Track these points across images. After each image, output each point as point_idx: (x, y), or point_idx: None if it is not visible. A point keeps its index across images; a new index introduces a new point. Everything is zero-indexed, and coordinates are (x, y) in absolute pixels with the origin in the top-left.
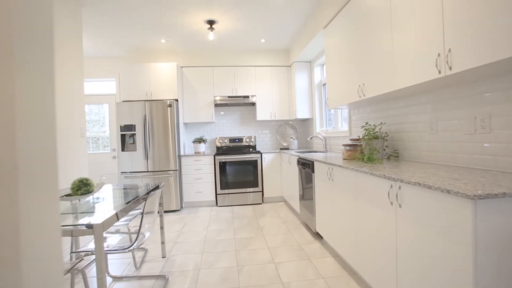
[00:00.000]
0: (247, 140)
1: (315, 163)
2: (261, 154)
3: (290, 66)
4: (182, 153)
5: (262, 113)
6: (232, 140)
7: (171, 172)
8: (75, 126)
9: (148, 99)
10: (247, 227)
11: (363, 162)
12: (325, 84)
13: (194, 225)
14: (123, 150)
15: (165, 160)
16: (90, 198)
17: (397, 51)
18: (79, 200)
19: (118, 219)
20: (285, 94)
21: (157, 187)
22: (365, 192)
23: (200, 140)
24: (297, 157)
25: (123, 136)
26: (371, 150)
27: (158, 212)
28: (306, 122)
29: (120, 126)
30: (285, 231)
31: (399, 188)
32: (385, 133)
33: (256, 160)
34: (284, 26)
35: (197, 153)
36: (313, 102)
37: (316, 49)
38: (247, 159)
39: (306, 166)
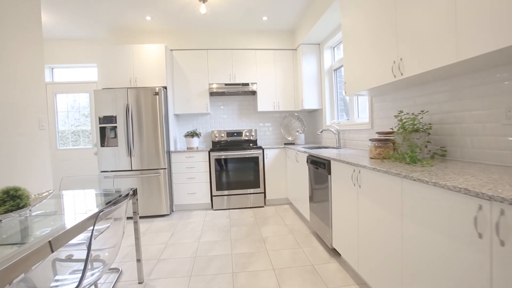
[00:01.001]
0: (247, 134)
1: (332, 163)
2: (263, 150)
3: (295, 49)
4: (172, 148)
5: (264, 103)
6: (229, 133)
7: (159, 171)
8: (32, 117)
9: (132, 86)
10: (247, 239)
11: (402, 162)
12: (336, 69)
13: (184, 235)
14: (102, 145)
15: (152, 157)
16: (25, 215)
17: (462, 5)
18: (1, 220)
19: (52, 251)
20: (290, 82)
21: (124, 196)
22: (420, 210)
23: (192, 134)
24: (307, 155)
25: (102, 129)
26: (411, 146)
27: (133, 218)
28: (314, 114)
29: (99, 118)
30: (293, 244)
31: (502, 213)
32: (428, 124)
33: (257, 157)
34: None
35: (189, 149)
36: (322, 90)
37: (327, 28)
38: (247, 156)
39: (319, 166)
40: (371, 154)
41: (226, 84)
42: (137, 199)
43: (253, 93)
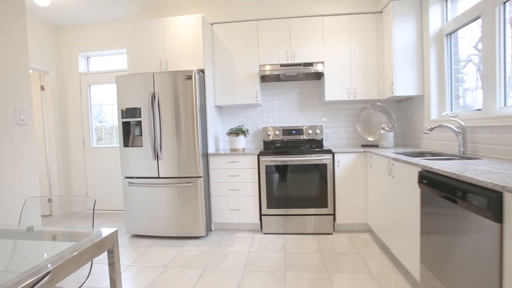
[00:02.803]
0: (309, 131)
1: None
2: (333, 154)
3: (381, 11)
4: (211, 150)
5: (334, 89)
6: (286, 131)
7: (194, 179)
8: (7, 108)
9: (163, 70)
10: None
11: None
12: (450, 33)
13: (218, 278)
14: (126, 145)
15: (185, 161)
16: None
17: None
18: None
19: None
20: (373, 59)
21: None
22: None
23: (237, 132)
24: (420, 169)
25: (126, 125)
26: None
27: (112, 254)
28: (406, 104)
29: (122, 111)
30: None
31: None
32: None
33: (325, 164)
34: None
35: (234, 151)
36: (425, 68)
37: None
38: (310, 162)
39: (460, 197)
40: None
41: (282, 65)
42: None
43: (319, 76)
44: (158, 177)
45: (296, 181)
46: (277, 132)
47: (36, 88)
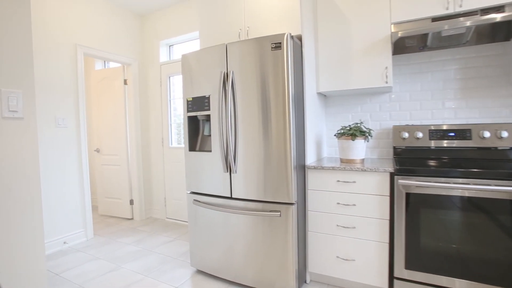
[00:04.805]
0: (485, 134)
1: None
2: None
3: None
4: (309, 161)
5: None
6: (437, 133)
7: (283, 207)
8: None
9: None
10: None
11: None
12: None
13: None
14: (192, 149)
15: (270, 178)
16: None
17: None
18: None
19: None
20: None
21: None
22: None
23: (354, 133)
24: None
25: (192, 121)
26: None
27: None
28: None
29: (187, 101)
30: None
31: None
32: None
33: None
34: None
35: (346, 163)
36: None
37: None
38: (499, 195)
39: None
40: None
41: (434, 20)
42: None
43: (504, 34)
44: (231, 198)
45: (466, 226)
46: (420, 134)
47: (120, 83)
